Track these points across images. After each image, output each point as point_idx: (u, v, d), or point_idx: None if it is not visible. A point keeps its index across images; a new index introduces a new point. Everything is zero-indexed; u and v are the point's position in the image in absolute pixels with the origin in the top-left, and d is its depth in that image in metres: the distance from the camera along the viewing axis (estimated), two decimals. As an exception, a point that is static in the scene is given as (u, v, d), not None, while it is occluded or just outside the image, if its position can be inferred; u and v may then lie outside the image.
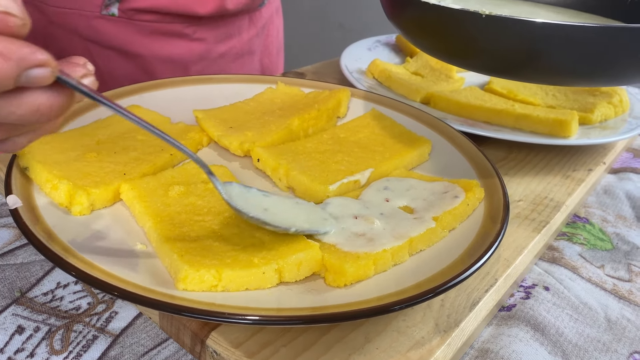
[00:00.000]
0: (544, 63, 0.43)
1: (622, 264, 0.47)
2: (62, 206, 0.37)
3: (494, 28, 0.41)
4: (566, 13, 0.58)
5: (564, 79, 0.47)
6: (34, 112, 0.26)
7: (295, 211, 0.37)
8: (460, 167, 0.46)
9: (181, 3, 0.66)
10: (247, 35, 0.78)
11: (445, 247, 0.37)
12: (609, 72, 0.43)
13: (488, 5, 0.59)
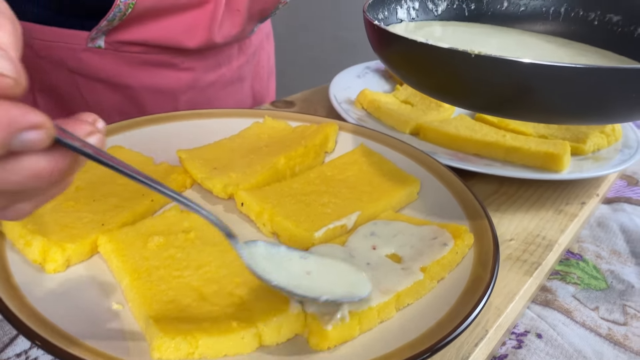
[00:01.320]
0: (532, 102, 0.42)
1: (617, 305, 0.46)
2: (36, 263, 0.35)
3: (483, 67, 0.40)
4: (556, 42, 0.57)
5: (553, 117, 0.46)
6: (33, 178, 0.24)
7: (327, 275, 0.34)
8: (449, 207, 0.45)
9: (169, 36, 0.65)
10: (237, 63, 0.77)
11: (433, 300, 0.36)
12: (596, 112, 0.42)
13: (478, 35, 0.58)
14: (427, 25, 0.58)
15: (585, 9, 0.57)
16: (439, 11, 0.59)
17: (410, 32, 0.55)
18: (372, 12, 0.53)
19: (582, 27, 0.57)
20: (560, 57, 0.52)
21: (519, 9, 0.60)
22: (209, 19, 0.64)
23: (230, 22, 0.67)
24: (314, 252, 0.38)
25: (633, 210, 0.59)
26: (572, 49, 0.55)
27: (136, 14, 0.59)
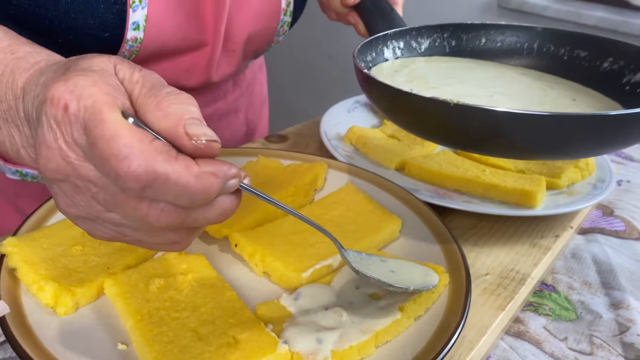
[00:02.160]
0: (504, 143, 0.45)
1: (585, 335, 0.49)
2: (48, 307, 0.39)
3: (460, 115, 0.43)
4: (530, 75, 0.61)
5: (523, 155, 0.50)
6: (221, 215, 0.32)
7: (406, 272, 0.42)
8: (429, 246, 0.49)
9: (169, 77, 0.68)
10: (232, 96, 0.81)
11: (410, 336, 0.40)
12: (560, 151, 0.46)
13: (459, 69, 0.61)
14: (411, 62, 0.62)
15: (556, 45, 0.60)
16: (422, 49, 0.63)
17: (396, 69, 0.59)
18: (362, 55, 0.57)
19: (553, 61, 0.61)
20: (533, 89, 0.55)
21: (496, 44, 0.64)
22: (207, 60, 0.68)
23: (226, 62, 0.71)
24: (300, 293, 0.42)
25: (605, 241, 0.63)
26: (544, 81, 0.59)
27: (139, 58, 0.63)
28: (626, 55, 0.54)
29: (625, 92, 0.52)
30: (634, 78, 0.52)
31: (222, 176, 0.30)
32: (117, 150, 0.28)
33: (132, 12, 0.57)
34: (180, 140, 0.29)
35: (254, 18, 0.68)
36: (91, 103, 0.28)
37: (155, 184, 0.28)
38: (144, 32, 0.59)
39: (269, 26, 0.71)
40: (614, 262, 0.59)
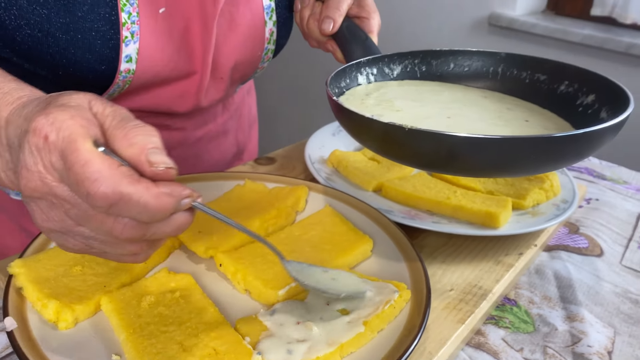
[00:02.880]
0: (461, 164, 0.49)
1: (539, 346, 0.54)
2: (50, 322, 0.44)
3: (414, 138, 0.47)
4: (492, 97, 0.64)
5: (479, 174, 0.56)
6: (176, 229, 0.37)
7: (344, 281, 0.49)
8: (397, 265, 0.54)
9: (161, 104, 0.73)
10: (222, 119, 0.86)
11: (373, 348, 0.45)
12: (515, 169, 0.51)
13: (427, 92, 0.65)
14: (383, 86, 0.66)
15: (519, 69, 0.65)
16: (394, 74, 0.68)
17: (368, 93, 0.63)
18: (336, 81, 0.61)
19: (516, 84, 0.65)
20: (490, 111, 0.59)
21: (464, 69, 0.68)
22: (197, 87, 0.73)
23: (214, 88, 0.76)
24: (276, 309, 0.47)
25: (568, 258, 0.67)
26: (504, 103, 0.63)
27: (133, 87, 0.68)
28: (580, 79, 0.58)
29: (578, 113, 0.57)
30: (586, 100, 0.56)
31: (176, 196, 0.35)
32: (90, 174, 0.33)
33: (124, 47, 0.62)
34: (142, 167, 0.35)
35: (239, 47, 0.73)
36: (68, 134, 0.34)
37: (120, 202, 0.33)
38: (136, 64, 0.64)
39: (253, 54, 0.76)
40: (574, 277, 0.64)
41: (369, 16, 0.72)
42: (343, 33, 0.71)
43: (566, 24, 1.76)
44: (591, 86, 0.56)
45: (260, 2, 0.73)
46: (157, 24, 0.64)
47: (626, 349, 0.54)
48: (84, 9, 0.59)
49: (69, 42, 0.60)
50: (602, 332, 0.56)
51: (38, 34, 0.60)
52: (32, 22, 0.59)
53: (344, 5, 0.71)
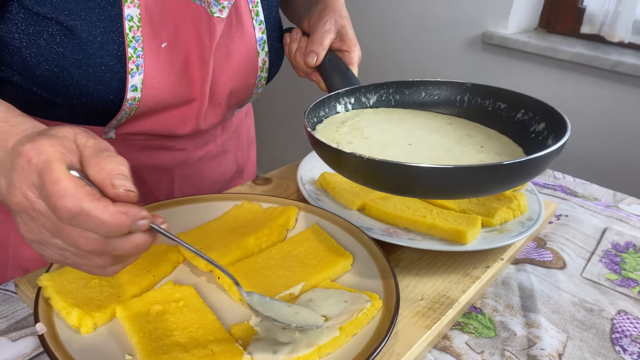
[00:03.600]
0: (413, 189, 0.55)
1: (498, 349, 0.61)
2: (74, 327, 0.52)
3: (372, 167, 0.53)
4: (456, 123, 0.71)
5: (434, 196, 0.65)
6: (135, 247, 0.43)
7: (304, 315, 0.54)
8: (372, 278, 0.61)
9: (165, 127, 0.81)
10: (221, 140, 0.94)
11: (347, 349, 0.52)
12: (461, 193, 0.58)
13: (398, 119, 0.71)
14: (360, 114, 0.73)
15: (482, 98, 0.72)
16: (370, 103, 0.75)
17: (343, 121, 0.70)
18: (314, 111, 0.68)
19: (479, 111, 0.72)
20: (450, 138, 0.66)
21: (434, 97, 0.75)
22: (196, 112, 0.81)
23: (212, 113, 0.84)
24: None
25: (532, 270, 0.75)
26: (465, 130, 0.69)
27: (139, 113, 0.76)
28: (533, 108, 0.65)
29: (531, 139, 0.64)
30: (538, 127, 0.64)
31: (132, 216, 0.40)
32: (57, 190, 0.40)
33: (130, 78, 0.70)
34: (106, 189, 0.41)
35: (234, 76, 0.81)
36: (46, 157, 0.41)
37: (81, 216, 0.39)
38: (141, 93, 0.72)
39: (247, 82, 0.84)
40: (535, 288, 0.71)
41: (350, 49, 0.80)
42: (325, 65, 0.79)
43: (556, 42, 1.83)
44: (542, 115, 0.63)
45: (254, 35, 0.81)
46: (159, 57, 0.72)
47: (576, 352, 0.62)
48: (94, 46, 0.67)
49: (81, 75, 0.69)
50: (555, 337, 0.63)
51: (55, 69, 0.68)
52: (49, 58, 0.67)
53: (326, 40, 0.79)
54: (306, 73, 0.84)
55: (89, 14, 0.67)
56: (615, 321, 0.67)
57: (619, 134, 1.76)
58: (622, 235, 0.86)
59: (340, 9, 0.84)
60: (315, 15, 0.84)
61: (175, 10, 0.71)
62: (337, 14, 0.82)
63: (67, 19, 0.66)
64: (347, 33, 0.82)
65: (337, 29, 0.81)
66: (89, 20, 0.67)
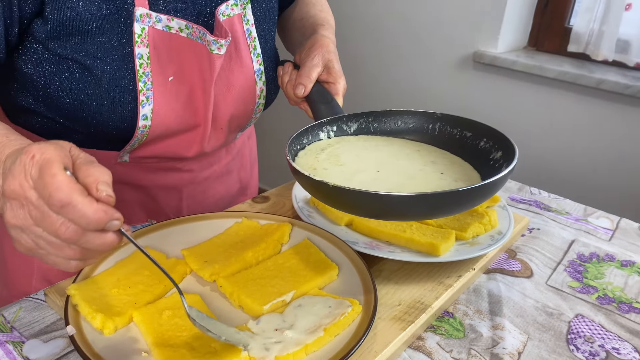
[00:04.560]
0: (378, 213, 0.64)
1: (466, 348, 0.70)
2: (98, 329, 0.61)
3: (339, 193, 0.61)
4: (425, 149, 0.79)
5: (403, 219, 0.73)
6: (103, 244, 0.50)
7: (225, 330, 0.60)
8: (355, 286, 0.70)
9: (173, 151, 0.90)
10: (225, 161, 1.03)
11: (331, 347, 0.61)
12: (423, 216, 0.67)
13: (367, 148, 0.79)
14: (341, 140, 0.81)
15: (452, 127, 0.80)
16: (351, 130, 0.83)
17: (323, 148, 0.77)
18: (298, 139, 0.76)
19: (448, 139, 0.80)
20: (416, 164, 0.74)
21: (409, 126, 0.83)
22: (201, 137, 0.90)
23: (215, 137, 0.93)
24: (261, 319, 0.64)
25: (502, 279, 0.83)
26: (431, 157, 0.77)
27: (149, 139, 0.85)
28: (493, 138, 0.74)
29: (490, 166, 0.72)
30: (496, 155, 0.72)
31: (109, 215, 0.49)
32: (54, 182, 0.47)
33: (141, 108, 0.79)
34: (91, 191, 0.49)
35: (234, 103, 0.91)
36: (48, 156, 0.49)
37: (69, 206, 0.47)
38: (151, 121, 0.81)
39: (246, 108, 0.93)
40: (503, 295, 0.80)
41: (335, 81, 0.89)
42: (313, 96, 0.87)
43: (544, 60, 1.92)
44: (500, 144, 0.72)
45: (252, 67, 0.90)
46: (166, 90, 0.82)
47: (534, 350, 0.70)
48: (109, 82, 0.77)
49: (97, 107, 0.78)
50: (517, 338, 0.72)
51: (75, 102, 0.78)
52: (70, 93, 0.77)
53: (313, 73, 0.88)
54: (296, 102, 0.93)
55: (104, 54, 0.76)
56: (572, 324, 0.75)
57: (600, 147, 1.84)
58: (587, 246, 0.94)
59: (327, 44, 0.93)
60: (305, 50, 0.93)
61: (180, 48, 0.81)
62: (324, 49, 0.92)
63: (84, 59, 0.76)
64: (334, 66, 0.91)
65: (324, 63, 0.90)
66: (104, 59, 0.76)
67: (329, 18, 1.07)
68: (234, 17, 0.86)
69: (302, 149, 0.78)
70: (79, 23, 0.73)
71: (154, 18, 0.77)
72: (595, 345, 0.72)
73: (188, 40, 0.80)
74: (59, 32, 0.74)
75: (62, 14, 0.72)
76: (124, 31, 0.76)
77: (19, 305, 0.71)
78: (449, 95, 2.15)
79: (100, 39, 0.75)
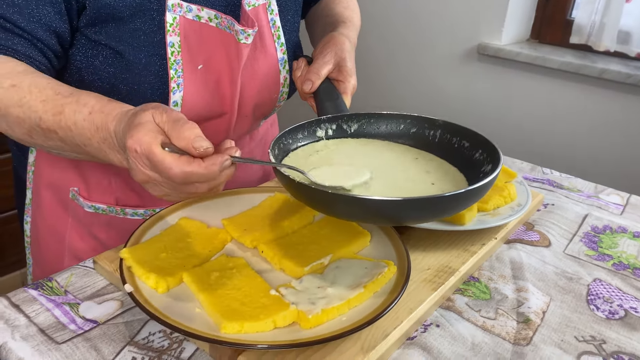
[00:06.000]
0: (381, 220, 0.68)
1: (493, 308, 0.74)
2: (152, 288, 0.65)
3: (336, 199, 0.61)
4: (421, 157, 0.79)
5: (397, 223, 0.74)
6: (227, 177, 0.60)
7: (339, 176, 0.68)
8: (387, 250, 0.75)
9: None
10: (248, 147, 1.06)
11: (369, 303, 0.65)
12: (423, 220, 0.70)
13: (360, 152, 0.79)
14: (341, 142, 0.81)
15: (451, 135, 0.78)
16: (351, 130, 0.84)
17: (318, 150, 0.78)
18: (290, 135, 0.76)
19: (447, 146, 0.78)
20: (413, 172, 0.74)
21: (410, 131, 0.82)
22: (227, 124, 0.93)
23: (241, 124, 0.96)
24: (303, 279, 0.68)
25: (522, 248, 0.88)
26: (427, 166, 0.76)
27: None
28: (487, 150, 0.71)
29: (479, 178, 0.66)
30: (487, 169, 0.70)
31: (218, 163, 0.58)
32: (165, 166, 0.57)
33: (172, 95, 0.83)
34: (191, 151, 0.58)
35: (259, 92, 0.93)
36: (146, 146, 0.57)
37: (187, 176, 0.57)
38: (181, 108, 0.85)
39: (270, 97, 0.96)
40: (524, 262, 0.84)
41: (345, 80, 0.91)
42: (320, 92, 0.89)
43: (546, 51, 1.97)
44: (491, 157, 0.70)
45: (276, 56, 0.94)
46: (196, 77, 0.85)
47: (558, 310, 0.75)
48: (139, 67, 0.80)
49: (127, 91, 0.82)
50: (540, 299, 0.76)
51: (106, 86, 0.81)
52: (103, 77, 0.81)
53: (323, 70, 0.91)
54: (305, 97, 0.95)
55: (136, 41, 0.80)
56: (591, 287, 0.80)
57: (603, 134, 1.90)
58: (600, 220, 0.99)
59: (342, 42, 0.95)
60: (319, 48, 0.96)
61: (209, 37, 0.84)
62: (338, 48, 0.93)
63: (117, 45, 0.79)
64: (346, 65, 0.92)
65: (336, 61, 0.92)
66: (135, 45, 0.80)
67: (353, 16, 1.09)
68: (259, 7, 0.89)
69: (296, 149, 0.77)
70: (113, 10, 0.76)
71: (185, 8, 0.80)
72: (614, 305, 0.76)
73: (217, 29, 0.84)
74: (95, 19, 0.77)
75: (98, 2, 0.76)
76: (155, 19, 0.79)
77: (70, 272, 0.75)
78: (454, 87, 2.20)
79: (133, 26, 0.79)
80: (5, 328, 0.65)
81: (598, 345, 0.69)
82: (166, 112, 0.60)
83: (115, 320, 0.67)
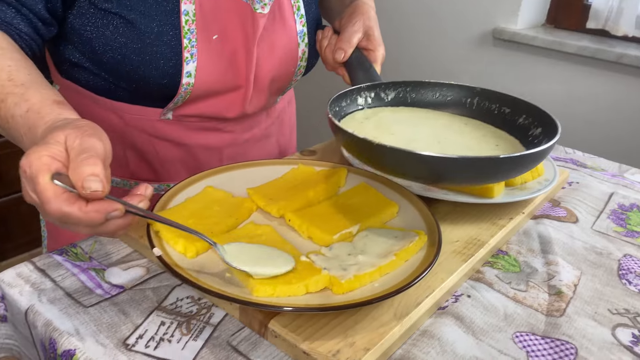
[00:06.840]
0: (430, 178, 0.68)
1: (524, 280, 0.73)
2: (181, 253, 0.64)
3: (381, 152, 0.62)
4: (471, 124, 0.81)
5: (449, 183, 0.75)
6: (115, 231, 0.55)
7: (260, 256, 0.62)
8: (415, 221, 0.73)
9: (215, 111, 0.92)
10: (265, 124, 1.04)
11: (401, 271, 0.64)
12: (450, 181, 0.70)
13: (415, 119, 0.81)
14: (380, 111, 0.83)
15: (490, 102, 0.82)
16: (389, 98, 0.85)
17: (367, 117, 0.79)
18: (337, 102, 0.78)
19: (487, 113, 0.82)
20: (471, 137, 0.76)
21: (446, 98, 0.85)
22: (242, 98, 0.92)
23: (257, 98, 0.95)
24: (333, 246, 0.67)
25: (549, 223, 0.86)
26: (480, 130, 0.80)
27: (193, 97, 0.87)
28: (533, 115, 0.75)
29: (529, 141, 0.74)
30: (535, 132, 0.73)
31: (103, 212, 0.52)
32: (44, 198, 0.51)
33: (186, 65, 0.81)
34: (78, 190, 0.51)
35: (276, 65, 0.92)
36: (35, 170, 0.51)
37: (64, 217, 0.51)
38: (194, 79, 0.83)
39: (288, 70, 0.95)
40: (552, 236, 0.83)
41: (375, 49, 0.91)
42: (351, 62, 0.88)
43: (563, 36, 1.95)
44: (540, 121, 0.73)
45: (295, 28, 0.92)
46: (211, 48, 0.83)
47: (588, 283, 0.73)
48: (151, 37, 0.79)
49: (140, 62, 0.80)
50: (571, 273, 0.75)
51: (118, 56, 0.80)
52: (114, 47, 0.79)
53: (354, 39, 0.90)
54: (334, 67, 0.94)
55: (147, 9, 0.78)
56: (622, 262, 0.78)
57: (622, 119, 1.87)
58: (627, 198, 0.97)
59: (368, 11, 0.95)
60: (346, 17, 0.95)
61: (224, 6, 0.83)
62: (365, 17, 0.93)
63: (128, 13, 0.77)
64: (374, 34, 0.92)
65: (364, 30, 0.92)
66: (147, 14, 0.78)
67: None
68: None
69: (342, 117, 0.77)
70: None
71: None
72: (646, 279, 0.75)
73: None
74: None
75: None
76: None
77: (93, 239, 0.74)
78: (469, 71, 2.18)
79: None
80: (32, 291, 0.64)
81: (632, 317, 0.67)
82: (81, 139, 0.54)
83: (141, 286, 0.66)
